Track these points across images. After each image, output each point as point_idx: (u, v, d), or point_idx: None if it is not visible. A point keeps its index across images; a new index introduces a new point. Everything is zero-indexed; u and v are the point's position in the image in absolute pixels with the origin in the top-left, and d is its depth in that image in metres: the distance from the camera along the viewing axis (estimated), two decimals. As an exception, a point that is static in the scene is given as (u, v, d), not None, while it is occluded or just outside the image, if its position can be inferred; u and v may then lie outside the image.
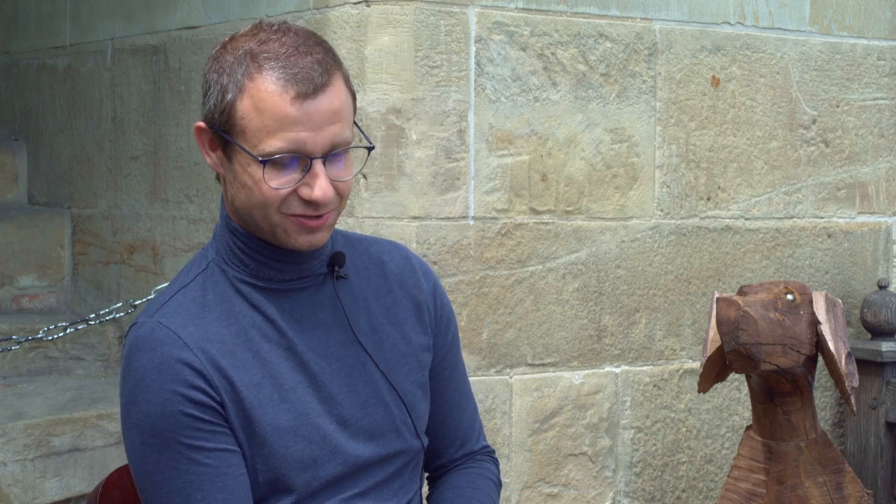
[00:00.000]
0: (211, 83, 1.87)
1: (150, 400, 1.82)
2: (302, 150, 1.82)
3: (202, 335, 1.86)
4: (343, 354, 1.94)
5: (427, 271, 2.10)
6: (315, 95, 1.82)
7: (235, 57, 1.85)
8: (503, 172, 3.39)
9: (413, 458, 2.02)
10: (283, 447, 1.87)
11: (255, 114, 1.82)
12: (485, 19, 3.35)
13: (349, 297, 1.97)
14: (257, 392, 1.86)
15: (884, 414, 3.86)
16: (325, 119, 1.83)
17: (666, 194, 3.67)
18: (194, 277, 1.93)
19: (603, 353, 3.58)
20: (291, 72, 1.82)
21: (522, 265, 3.44)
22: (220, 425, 1.84)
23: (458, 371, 2.14)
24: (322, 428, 1.90)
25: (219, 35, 3.75)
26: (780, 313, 2.98)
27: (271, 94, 1.81)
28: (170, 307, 1.89)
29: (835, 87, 3.98)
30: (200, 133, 1.90)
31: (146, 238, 4.12)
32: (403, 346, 2.01)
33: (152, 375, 1.83)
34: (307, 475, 1.88)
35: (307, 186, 1.84)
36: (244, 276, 1.92)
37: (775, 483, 3.12)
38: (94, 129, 4.37)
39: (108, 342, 4.22)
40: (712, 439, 3.80)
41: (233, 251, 1.92)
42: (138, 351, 1.85)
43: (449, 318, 2.11)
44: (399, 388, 1.98)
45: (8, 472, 3.42)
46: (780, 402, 3.08)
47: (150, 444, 1.83)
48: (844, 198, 4.01)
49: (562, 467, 3.53)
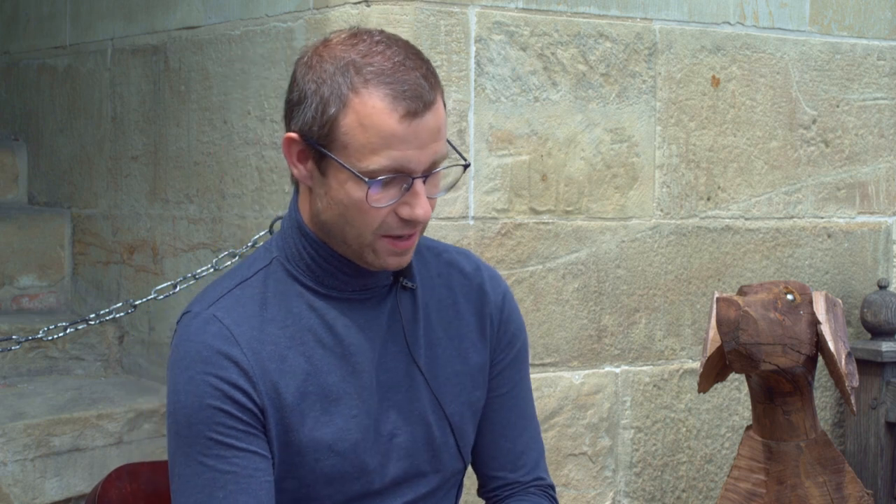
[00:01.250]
0: (307, 93, 1.79)
1: (191, 391, 1.80)
2: (405, 169, 1.77)
3: (255, 335, 1.83)
4: (395, 367, 1.90)
5: (497, 283, 2.03)
6: (423, 114, 1.77)
7: (337, 67, 1.77)
8: (503, 172, 3.39)
9: (450, 479, 1.98)
10: (314, 460, 1.85)
11: (360, 130, 1.75)
12: (485, 19, 3.35)
13: (410, 309, 1.93)
14: (301, 401, 1.83)
15: (884, 414, 3.85)
16: (430, 137, 1.79)
17: (666, 194, 3.67)
18: (256, 272, 1.89)
19: (603, 353, 3.58)
20: (400, 88, 1.75)
21: (522, 265, 3.44)
22: (254, 427, 1.81)
23: (519, 390, 2.05)
24: (358, 445, 1.86)
25: (219, 35, 3.76)
26: (780, 313, 2.98)
27: (379, 110, 1.74)
28: (227, 301, 1.86)
29: (835, 87, 3.98)
30: (291, 144, 1.83)
31: (146, 238, 4.12)
32: (458, 365, 1.96)
33: (197, 367, 1.80)
34: (331, 489, 1.86)
35: (407, 206, 1.79)
36: (308, 280, 1.88)
37: (775, 483, 3.12)
38: (94, 129, 4.37)
39: (108, 342, 4.22)
40: (712, 439, 3.80)
41: (301, 255, 1.88)
42: (188, 341, 1.83)
43: (515, 333, 2.03)
44: (446, 407, 1.93)
45: (8, 472, 3.42)
46: (780, 402, 3.08)
47: (183, 435, 1.82)
48: (844, 198, 4.01)
49: (562, 467, 3.53)
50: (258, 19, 3.61)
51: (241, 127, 3.68)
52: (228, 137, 3.74)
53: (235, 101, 3.70)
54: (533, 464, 2.06)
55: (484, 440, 2.03)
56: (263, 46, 3.59)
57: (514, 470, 2.05)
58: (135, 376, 4.14)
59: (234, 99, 3.71)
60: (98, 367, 4.20)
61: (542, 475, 2.08)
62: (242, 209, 3.69)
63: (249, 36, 3.64)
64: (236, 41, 3.70)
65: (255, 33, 3.62)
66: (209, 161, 3.82)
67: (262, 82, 3.58)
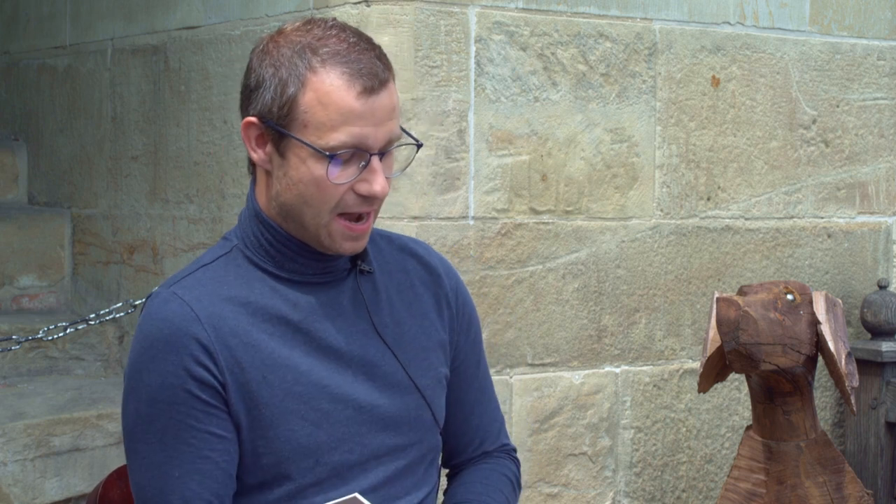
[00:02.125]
0: (265, 77, 1.85)
1: (153, 370, 1.82)
2: (363, 145, 1.83)
3: (216, 311, 1.85)
4: (363, 344, 1.94)
5: (448, 269, 2.10)
6: (378, 91, 1.83)
7: (294, 51, 1.84)
8: (503, 172, 3.39)
9: (428, 454, 2.01)
10: (287, 430, 1.86)
11: (320, 107, 1.81)
12: (485, 19, 3.35)
13: (371, 291, 1.97)
14: (267, 373, 1.86)
15: (884, 414, 3.86)
16: (385, 115, 1.85)
17: (666, 194, 3.67)
18: (216, 258, 1.93)
19: (603, 353, 3.58)
20: (356, 66, 1.82)
21: (522, 265, 3.44)
22: (215, 407, 1.83)
23: (481, 369, 2.14)
24: (332, 414, 1.89)
25: (219, 35, 3.76)
26: (780, 313, 2.98)
27: (337, 87, 1.81)
28: (188, 281, 1.89)
29: (835, 87, 3.98)
30: (249, 128, 1.90)
31: (146, 238, 4.12)
32: (424, 341, 2.01)
33: (159, 346, 1.83)
34: (309, 461, 1.87)
35: (366, 182, 1.84)
36: (268, 265, 1.91)
37: (775, 483, 3.12)
38: (94, 129, 4.37)
39: (108, 342, 4.22)
40: (712, 439, 3.80)
41: (259, 242, 1.92)
42: (150, 319, 1.86)
43: (471, 315, 2.11)
44: (418, 381, 1.97)
45: (8, 472, 3.42)
46: (780, 402, 3.08)
47: (144, 413, 1.83)
48: (844, 198, 4.01)
49: (562, 467, 3.53)
50: (258, 19, 3.62)
51: (241, 127, 3.68)
52: (228, 137, 3.74)
53: (235, 101, 3.69)
54: (497, 433, 2.16)
55: (454, 419, 2.10)
56: (263, 46, 3.58)
57: (483, 442, 2.14)
58: (135, 376, 4.14)
59: (234, 99, 3.71)
60: (98, 367, 4.20)
61: (505, 441, 2.18)
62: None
63: (249, 36, 3.64)
64: (236, 41, 3.70)
65: (255, 33, 3.62)
66: (209, 161, 3.83)
67: (262, 82, 3.58)
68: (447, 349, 2.05)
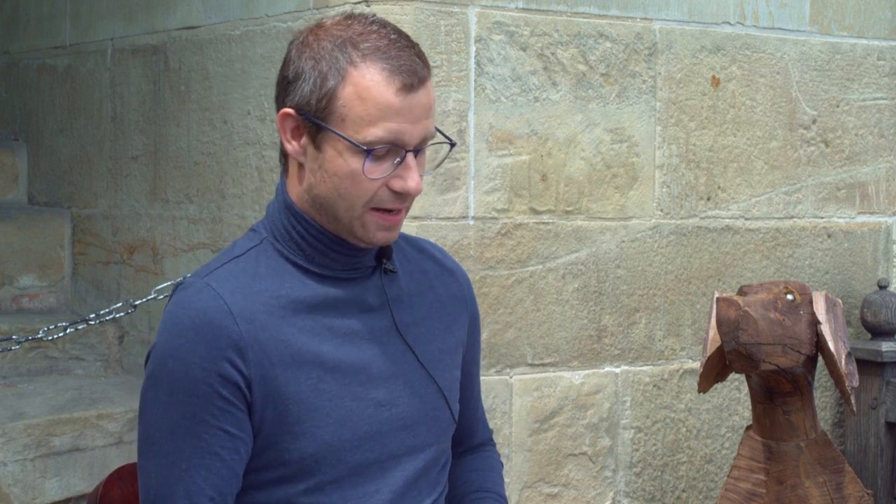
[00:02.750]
0: (305, 70, 1.85)
1: (180, 358, 1.82)
2: (400, 141, 1.84)
3: (248, 305, 1.85)
4: (386, 341, 1.95)
5: (461, 271, 2.14)
6: (417, 89, 1.84)
7: (335, 45, 1.84)
8: (503, 172, 3.39)
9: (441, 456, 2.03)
10: (313, 427, 1.86)
11: (358, 102, 1.82)
12: (485, 19, 3.35)
13: (394, 290, 1.99)
14: (296, 369, 1.86)
15: (884, 414, 3.86)
16: (422, 112, 1.85)
17: (666, 194, 3.67)
18: (247, 250, 1.93)
19: (603, 353, 3.58)
20: (396, 63, 1.83)
21: (522, 265, 3.44)
22: (234, 405, 1.83)
23: (479, 365, 2.20)
24: (354, 412, 1.89)
25: (219, 35, 3.76)
26: (780, 313, 2.98)
27: (377, 83, 1.82)
28: (221, 273, 1.89)
29: (835, 87, 3.98)
30: (285, 119, 1.88)
31: (146, 238, 4.13)
32: (441, 343, 2.03)
33: (188, 335, 1.82)
34: (332, 458, 1.88)
35: (400, 178, 1.85)
36: (298, 258, 1.92)
37: (775, 483, 3.12)
38: (94, 129, 4.37)
39: (108, 342, 4.22)
40: (712, 439, 3.80)
41: (290, 235, 1.92)
42: (181, 308, 1.85)
43: (478, 319, 2.15)
44: (438, 380, 1.99)
45: (8, 472, 3.42)
46: (780, 402, 3.08)
47: (162, 400, 1.83)
48: (844, 198, 4.01)
49: (562, 467, 3.53)
50: (258, 19, 3.62)
51: (241, 127, 3.68)
52: (228, 137, 3.74)
53: (235, 101, 3.70)
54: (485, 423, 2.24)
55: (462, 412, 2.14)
56: (263, 46, 3.59)
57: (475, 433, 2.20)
58: (135, 376, 4.14)
59: (234, 99, 3.71)
60: (98, 367, 4.20)
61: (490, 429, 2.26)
62: (242, 209, 3.69)
63: (249, 36, 3.64)
64: (236, 41, 3.70)
65: (255, 33, 3.62)
66: (209, 161, 3.83)
67: (262, 82, 3.58)
68: (461, 352, 2.08)
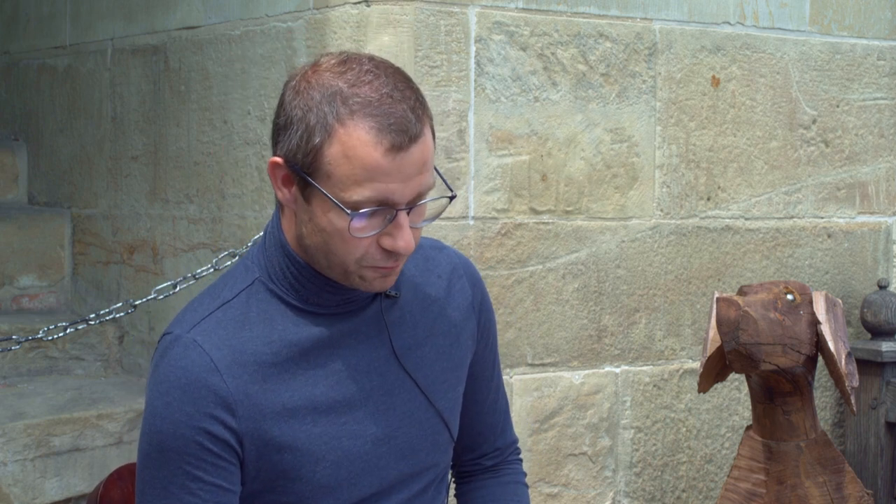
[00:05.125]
0: (293, 119, 1.77)
1: (167, 417, 1.80)
2: (389, 201, 1.75)
3: (237, 357, 1.82)
4: (384, 371, 1.91)
5: (472, 273, 2.07)
6: (408, 147, 1.74)
7: (324, 96, 1.76)
8: (503, 172, 3.39)
9: (440, 474, 2.01)
10: (308, 472, 1.85)
11: (344, 161, 1.74)
12: (485, 19, 3.35)
13: (393, 314, 1.94)
14: (288, 417, 1.83)
15: (884, 414, 3.86)
16: (415, 170, 1.76)
17: (666, 194, 3.67)
18: (238, 293, 1.88)
19: (603, 353, 3.58)
20: (386, 121, 1.74)
21: (522, 265, 3.44)
22: (225, 460, 1.82)
23: (497, 369, 2.13)
24: (351, 451, 1.87)
25: (219, 35, 3.76)
26: (780, 313, 2.98)
27: (364, 143, 1.73)
28: (208, 324, 1.84)
29: (835, 87, 3.98)
30: (275, 168, 1.81)
31: (146, 238, 4.13)
32: (445, 361, 1.99)
33: (175, 394, 1.80)
34: (330, 498, 1.87)
35: (390, 237, 1.78)
36: (292, 299, 1.87)
37: (775, 483, 3.12)
38: (94, 129, 4.37)
39: (108, 342, 4.22)
40: (712, 439, 3.80)
41: (284, 275, 1.87)
42: (168, 366, 1.82)
43: (490, 319, 2.09)
44: (437, 403, 1.95)
45: (8, 472, 3.42)
46: (780, 402, 3.08)
47: (154, 458, 1.82)
48: (844, 198, 4.01)
49: (562, 467, 3.53)
50: (258, 19, 3.61)
51: (241, 127, 3.68)
52: (228, 137, 3.74)
53: (235, 101, 3.70)
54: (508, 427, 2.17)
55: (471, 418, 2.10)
56: (263, 46, 3.59)
57: (497, 438, 2.15)
58: (135, 376, 4.14)
59: (234, 99, 3.71)
60: (98, 367, 4.20)
61: (514, 437, 2.19)
62: (242, 209, 3.69)
63: (249, 36, 3.64)
64: (236, 41, 3.70)
65: (255, 33, 3.62)
66: (209, 161, 3.83)
67: (262, 82, 3.58)
68: (466, 365, 2.04)
